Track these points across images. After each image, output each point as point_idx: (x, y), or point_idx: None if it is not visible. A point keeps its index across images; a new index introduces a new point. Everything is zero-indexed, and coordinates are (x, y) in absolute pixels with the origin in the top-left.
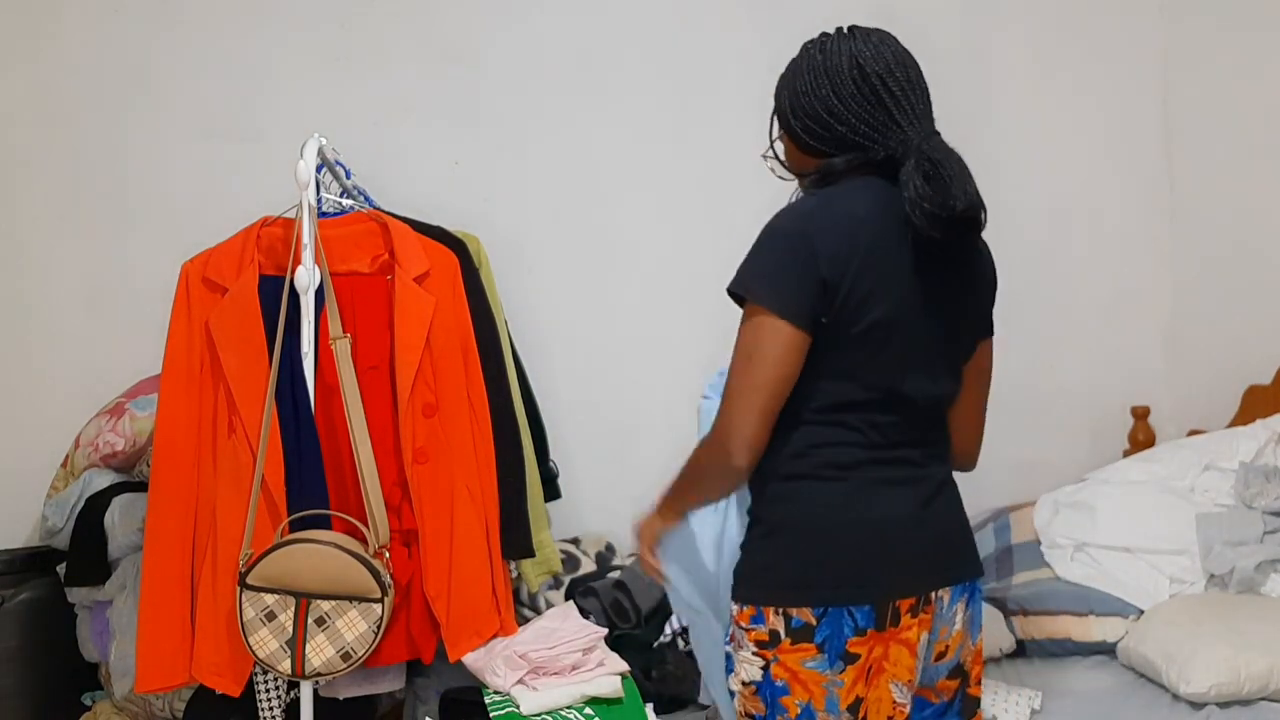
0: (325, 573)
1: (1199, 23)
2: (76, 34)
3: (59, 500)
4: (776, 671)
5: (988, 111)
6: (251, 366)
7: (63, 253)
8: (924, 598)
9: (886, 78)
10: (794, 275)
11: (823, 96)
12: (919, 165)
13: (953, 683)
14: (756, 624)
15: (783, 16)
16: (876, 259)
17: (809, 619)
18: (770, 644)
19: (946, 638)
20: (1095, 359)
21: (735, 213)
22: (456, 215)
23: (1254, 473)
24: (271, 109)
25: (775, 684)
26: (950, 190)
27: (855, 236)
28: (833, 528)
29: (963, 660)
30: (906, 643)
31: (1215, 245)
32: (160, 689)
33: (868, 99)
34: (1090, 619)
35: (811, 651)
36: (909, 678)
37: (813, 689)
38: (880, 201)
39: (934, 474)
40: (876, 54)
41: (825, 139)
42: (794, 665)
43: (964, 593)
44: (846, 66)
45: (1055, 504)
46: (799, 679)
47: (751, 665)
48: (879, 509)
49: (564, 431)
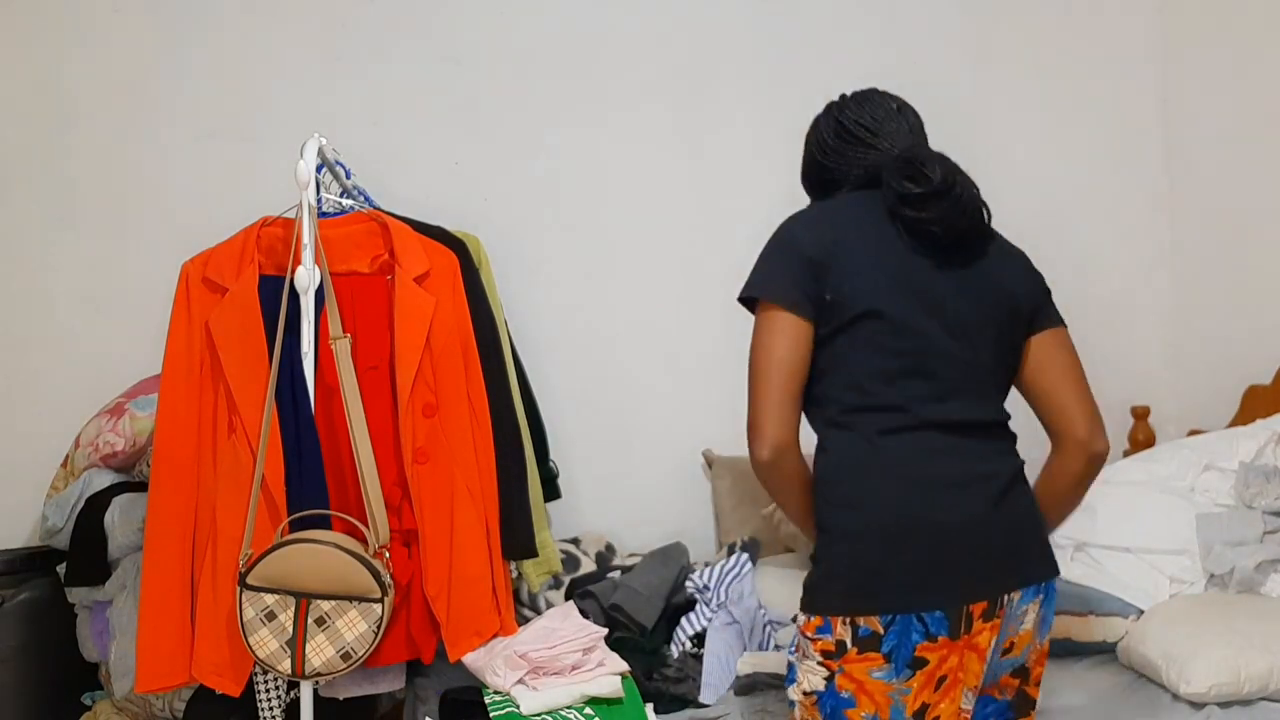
0: (325, 573)
1: (1198, 22)
2: (76, 34)
3: (59, 500)
4: (841, 682)
5: (988, 112)
6: (251, 366)
7: (63, 253)
8: (996, 601)
9: (865, 123)
10: (782, 266)
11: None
12: (898, 167)
13: (1015, 680)
14: (823, 634)
15: (783, 18)
16: (863, 246)
17: (876, 628)
18: (836, 654)
19: (1014, 635)
20: (1095, 359)
21: (735, 212)
22: (456, 215)
23: (1254, 473)
24: (271, 109)
25: (839, 695)
26: (925, 172)
27: (835, 222)
28: (899, 533)
29: (1027, 659)
30: (977, 649)
31: (1215, 245)
32: (160, 689)
33: (848, 143)
34: (1090, 619)
35: (878, 661)
36: (976, 683)
37: (879, 699)
38: (865, 200)
39: (1004, 469)
40: (859, 112)
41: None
42: (860, 675)
43: (1038, 593)
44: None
45: None
46: (865, 690)
47: (815, 675)
48: (945, 511)
49: (564, 431)
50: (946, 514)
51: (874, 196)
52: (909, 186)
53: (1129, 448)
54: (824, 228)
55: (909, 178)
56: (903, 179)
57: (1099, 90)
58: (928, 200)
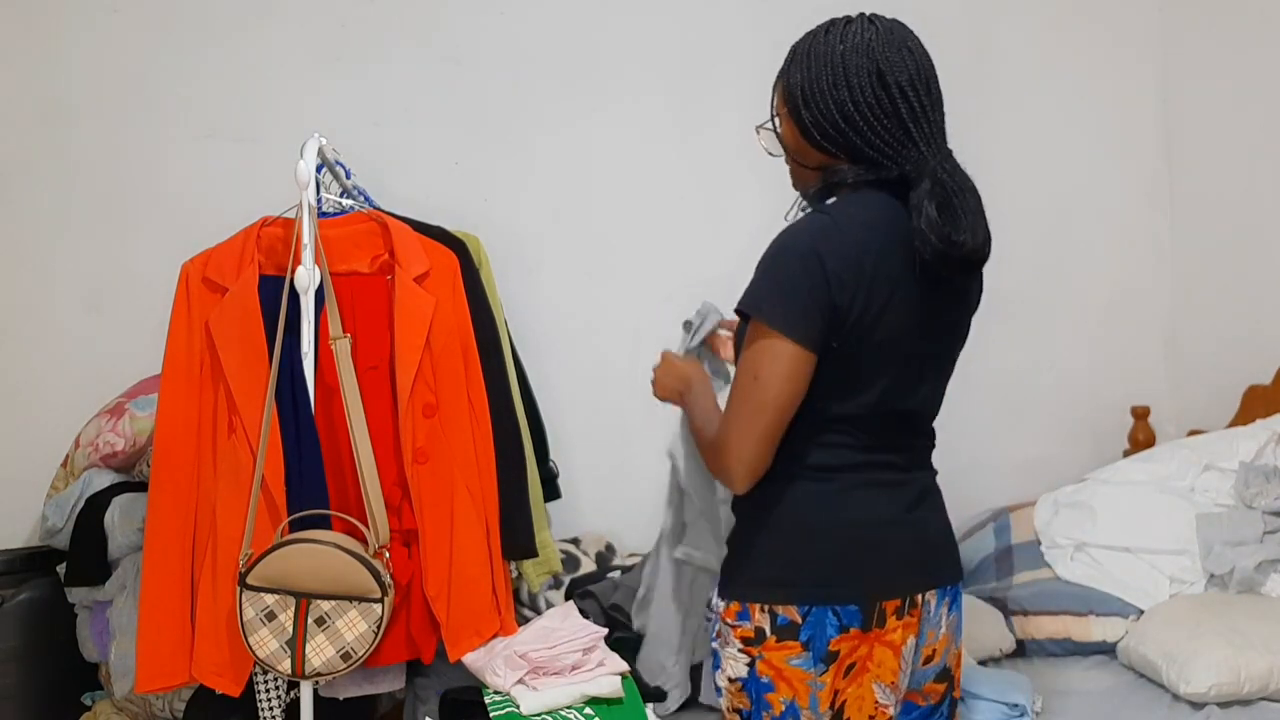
0: (325, 573)
1: (1199, 22)
2: (76, 34)
3: (59, 500)
4: (761, 669)
5: (988, 111)
6: (251, 366)
7: (63, 253)
8: (909, 600)
9: (907, 89)
10: (805, 297)
11: (840, 100)
12: (933, 192)
13: (940, 686)
14: (742, 621)
15: (783, 17)
16: (881, 283)
17: (794, 617)
18: (755, 641)
19: (934, 641)
20: (1095, 359)
21: (735, 212)
22: (456, 215)
23: (1254, 473)
24: (271, 109)
25: (760, 680)
26: (960, 225)
27: (863, 262)
28: (819, 527)
29: (949, 664)
30: (891, 645)
31: (1215, 245)
32: (160, 689)
33: (886, 112)
34: (1090, 619)
35: (796, 649)
36: (892, 679)
37: (797, 686)
38: (888, 222)
39: (919, 478)
40: (899, 59)
41: (837, 143)
42: (779, 663)
43: (947, 596)
44: (866, 70)
45: (1055, 504)
46: (783, 676)
47: (737, 662)
48: (865, 510)
49: (564, 431)
50: (867, 512)
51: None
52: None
53: (1129, 448)
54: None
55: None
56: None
57: (1099, 90)
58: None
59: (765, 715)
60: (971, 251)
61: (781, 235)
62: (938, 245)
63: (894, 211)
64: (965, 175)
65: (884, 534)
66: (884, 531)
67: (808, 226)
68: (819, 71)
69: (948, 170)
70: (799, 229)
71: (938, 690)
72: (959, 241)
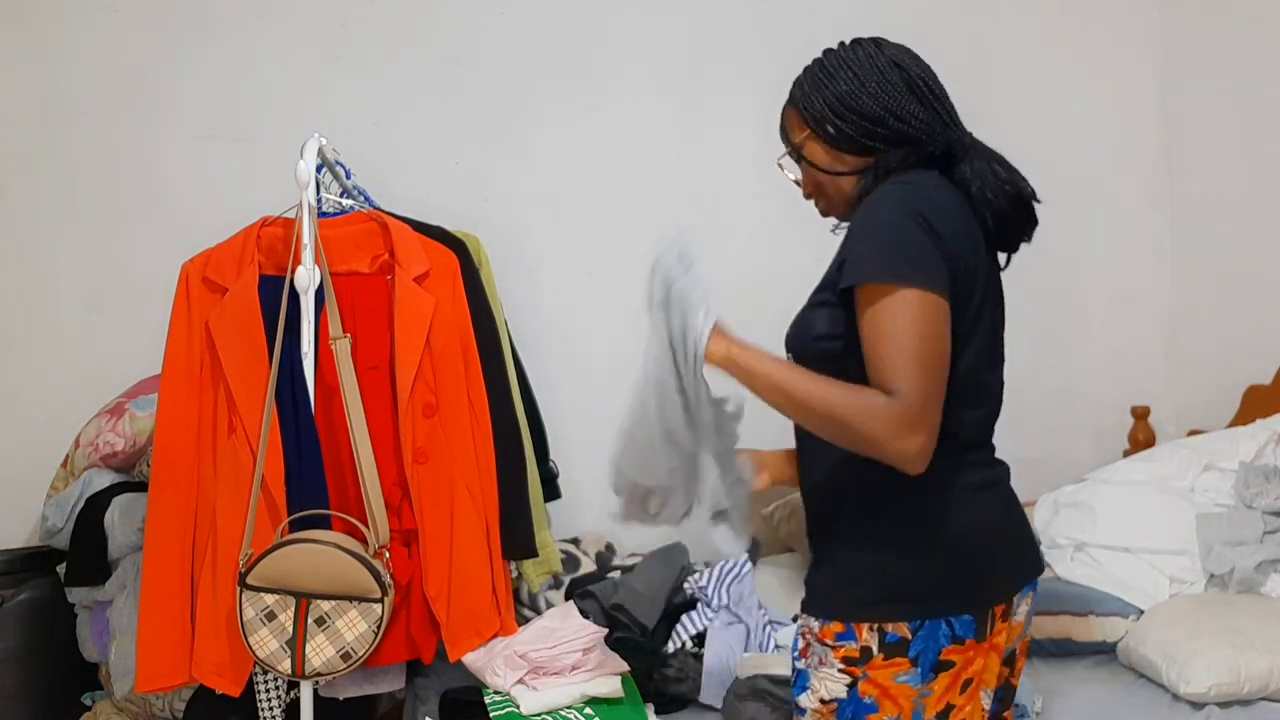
0: (325, 573)
1: (1199, 22)
2: (76, 34)
3: (59, 500)
4: (865, 689)
5: (987, 110)
6: (251, 366)
7: (63, 253)
8: (1012, 602)
9: (927, 79)
10: (931, 251)
11: (873, 92)
12: (985, 154)
13: (1004, 670)
14: (845, 640)
15: (784, 16)
16: (970, 246)
17: (904, 633)
18: (860, 660)
19: (1009, 630)
20: (1095, 359)
21: (736, 212)
22: (456, 215)
23: (1254, 473)
24: (271, 109)
25: (862, 701)
26: (1016, 175)
27: (954, 220)
28: (926, 538)
29: (1017, 650)
30: (997, 648)
31: (1215, 245)
32: (160, 689)
33: (916, 98)
34: (1090, 619)
35: (905, 666)
36: (995, 683)
37: (903, 704)
38: (950, 190)
39: (1004, 474)
40: (910, 61)
41: (877, 134)
42: (885, 681)
43: (1031, 589)
44: (886, 68)
45: (1055, 504)
46: (889, 694)
47: (836, 683)
48: (972, 517)
49: (564, 431)
50: (971, 519)
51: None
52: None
53: (1129, 448)
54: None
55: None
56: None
57: (1099, 90)
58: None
59: None
60: (1032, 193)
61: (870, 207)
62: (1010, 190)
63: (947, 184)
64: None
65: (991, 539)
66: (990, 537)
67: (894, 193)
68: (845, 81)
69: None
70: (887, 197)
71: (1002, 674)
72: (1023, 188)
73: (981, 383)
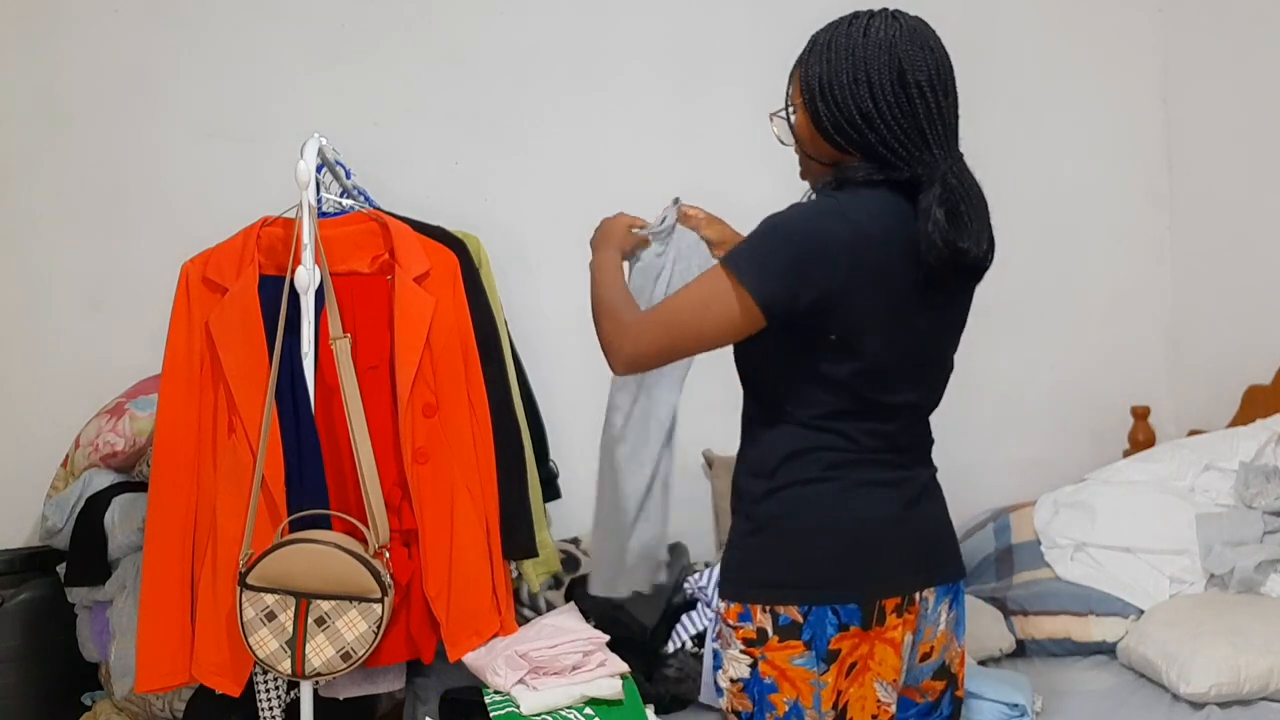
0: (325, 573)
1: (1199, 22)
2: (76, 34)
3: (59, 500)
4: (764, 669)
5: (987, 111)
6: (251, 366)
7: (63, 253)
8: (908, 598)
9: (926, 89)
10: (783, 267)
11: (859, 97)
12: (943, 197)
13: (938, 684)
14: (744, 622)
15: (784, 15)
16: (875, 274)
17: (796, 617)
18: (758, 642)
19: (931, 639)
20: (1095, 359)
21: (736, 212)
22: (456, 215)
23: (1254, 473)
24: (271, 109)
25: (763, 681)
26: (966, 232)
27: (858, 247)
28: (819, 526)
29: (948, 662)
30: (891, 642)
31: (1215, 245)
32: (160, 689)
33: (904, 112)
34: (1090, 619)
35: (799, 649)
36: (894, 677)
37: (800, 686)
38: (892, 218)
39: (918, 475)
40: (921, 58)
41: (852, 139)
42: (781, 663)
43: (948, 594)
44: (887, 68)
45: (1055, 504)
46: (787, 676)
47: (739, 663)
48: (864, 509)
49: (564, 431)
50: (867, 510)
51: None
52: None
53: (1129, 448)
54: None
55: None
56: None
57: (1099, 89)
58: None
59: (769, 716)
60: (975, 260)
61: (781, 215)
62: (943, 250)
63: (900, 209)
64: (975, 182)
65: (884, 532)
66: (884, 529)
67: (811, 207)
68: (839, 65)
69: (957, 176)
70: (801, 209)
71: (936, 688)
72: (964, 249)
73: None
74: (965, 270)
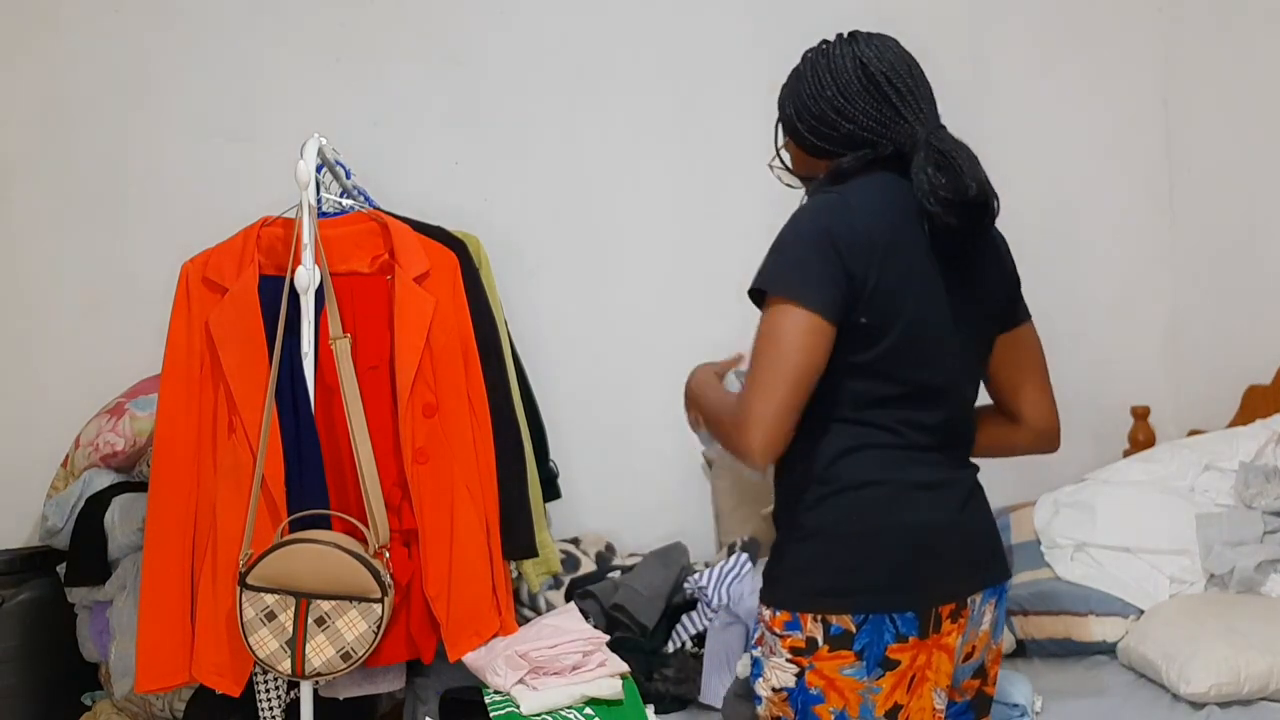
0: (325, 573)
1: (1199, 22)
2: (75, 34)
3: (59, 500)
4: (811, 679)
5: (987, 111)
6: (251, 366)
7: (63, 253)
8: (962, 602)
9: (891, 75)
10: (817, 267)
11: (828, 97)
12: (929, 156)
13: (975, 682)
14: (791, 630)
15: (783, 15)
16: (896, 254)
17: (849, 626)
18: (806, 651)
19: (974, 639)
20: (1095, 359)
21: (736, 212)
22: (456, 215)
23: (1254, 473)
24: (271, 109)
25: (809, 691)
26: (962, 177)
27: (872, 233)
28: (873, 533)
29: (986, 660)
30: (947, 649)
31: (1215, 245)
32: (160, 689)
33: (873, 96)
34: (1090, 619)
35: (850, 659)
36: (947, 683)
37: (848, 696)
38: (894, 197)
39: (966, 477)
40: (880, 55)
41: (833, 139)
42: (830, 673)
43: (994, 595)
44: (851, 67)
45: (1055, 504)
46: (835, 686)
47: (784, 671)
48: (919, 514)
49: (564, 431)
50: (921, 516)
51: (901, 187)
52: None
53: (1129, 448)
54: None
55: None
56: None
57: (1100, 90)
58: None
59: None
60: (977, 195)
61: (789, 222)
62: (944, 195)
63: (898, 186)
64: (962, 143)
65: (938, 538)
66: (938, 536)
67: (814, 205)
68: (807, 85)
69: (940, 139)
70: (806, 209)
71: (973, 686)
72: (964, 186)
73: (918, 382)
74: (972, 214)
